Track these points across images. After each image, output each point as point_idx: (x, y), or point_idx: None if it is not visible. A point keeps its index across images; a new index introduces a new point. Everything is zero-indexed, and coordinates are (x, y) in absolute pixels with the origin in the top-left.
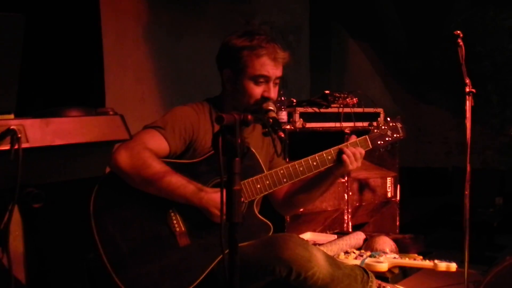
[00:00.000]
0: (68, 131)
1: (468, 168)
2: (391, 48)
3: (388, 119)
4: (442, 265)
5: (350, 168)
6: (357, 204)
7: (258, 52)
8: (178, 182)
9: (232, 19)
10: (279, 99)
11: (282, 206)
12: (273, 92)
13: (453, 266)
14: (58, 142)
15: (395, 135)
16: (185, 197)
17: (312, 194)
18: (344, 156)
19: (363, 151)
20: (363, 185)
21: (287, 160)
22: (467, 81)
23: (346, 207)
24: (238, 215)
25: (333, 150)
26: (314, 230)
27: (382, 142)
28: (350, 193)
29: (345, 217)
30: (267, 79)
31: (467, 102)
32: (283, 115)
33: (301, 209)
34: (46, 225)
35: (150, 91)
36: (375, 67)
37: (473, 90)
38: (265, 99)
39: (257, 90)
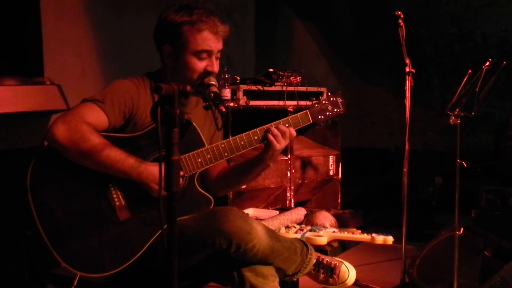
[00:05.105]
0: (3, 100)
1: (407, 146)
2: (336, 29)
3: (329, 94)
4: (379, 238)
5: (278, 148)
6: (300, 182)
7: (199, 27)
8: (117, 156)
9: None
10: (223, 76)
11: (213, 185)
12: (216, 66)
13: (389, 239)
14: None
15: (335, 110)
16: (124, 172)
17: (243, 178)
18: (270, 135)
19: (292, 130)
20: (306, 163)
21: (230, 136)
22: (407, 61)
23: (289, 184)
24: (177, 185)
25: (259, 130)
26: (257, 207)
27: (322, 117)
28: (293, 171)
29: (288, 194)
30: (209, 53)
31: (407, 82)
32: (227, 93)
33: (231, 191)
34: None
35: (91, 67)
36: (320, 47)
37: (413, 70)
38: (208, 73)
39: (200, 65)
